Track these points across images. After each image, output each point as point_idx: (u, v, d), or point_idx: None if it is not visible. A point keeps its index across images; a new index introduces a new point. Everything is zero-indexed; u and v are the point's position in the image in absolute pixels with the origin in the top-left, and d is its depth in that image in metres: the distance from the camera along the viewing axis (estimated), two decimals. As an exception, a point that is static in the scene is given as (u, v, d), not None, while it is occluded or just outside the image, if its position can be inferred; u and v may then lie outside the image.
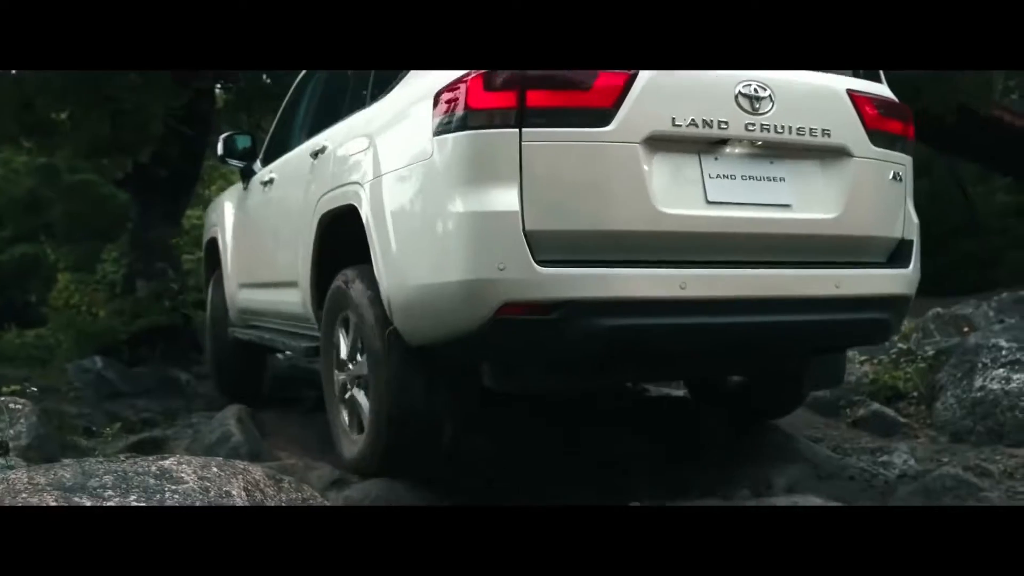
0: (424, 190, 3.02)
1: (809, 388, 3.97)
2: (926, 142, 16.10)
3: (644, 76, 2.88)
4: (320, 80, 4.71)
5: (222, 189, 15.34)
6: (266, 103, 9.07)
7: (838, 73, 3.27)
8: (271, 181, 4.80)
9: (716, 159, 3.01)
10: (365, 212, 3.31)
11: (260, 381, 5.75)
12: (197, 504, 2.34)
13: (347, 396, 3.59)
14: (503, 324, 2.81)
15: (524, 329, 2.84)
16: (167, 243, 8.35)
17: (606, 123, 2.83)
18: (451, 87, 2.92)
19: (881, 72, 3.53)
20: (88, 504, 2.22)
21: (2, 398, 4.22)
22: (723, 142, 3.01)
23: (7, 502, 2.21)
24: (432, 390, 3.21)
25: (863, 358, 5.02)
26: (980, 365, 4.23)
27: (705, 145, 2.99)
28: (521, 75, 2.81)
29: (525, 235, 2.75)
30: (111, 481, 2.27)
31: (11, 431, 3.86)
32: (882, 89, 3.45)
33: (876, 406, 4.42)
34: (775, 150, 3.09)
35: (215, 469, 2.45)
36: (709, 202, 2.97)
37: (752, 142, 3.03)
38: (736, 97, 2.98)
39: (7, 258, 17.14)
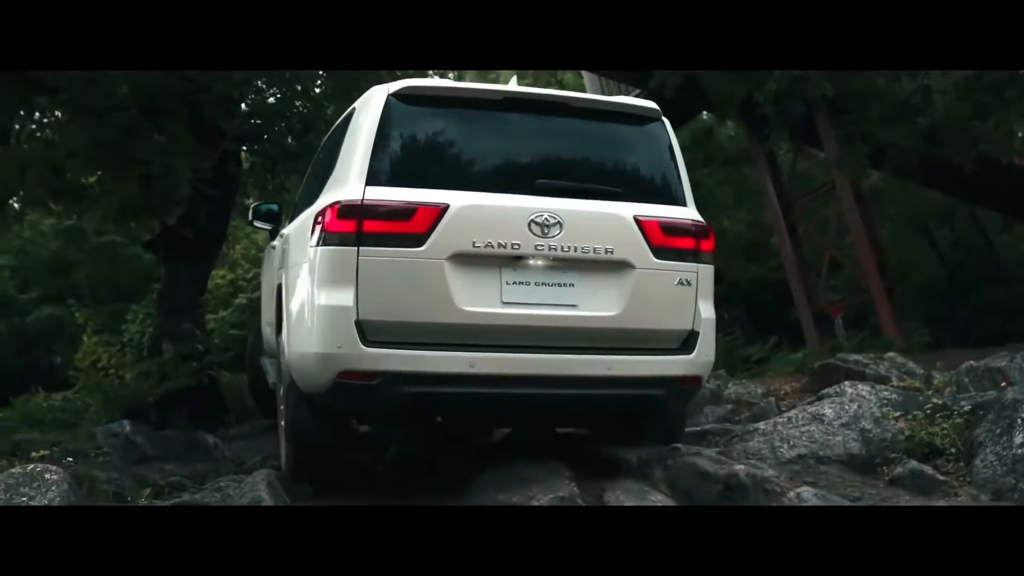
0: (305, 283, 4.11)
1: (650, 440, 4.58)
2: (947, 191, 16.09)
3: (453, 209, 3.92)
4: (309, 174, 5.91)
5: (247, 249, 15.52)
6: (290, 164, 9.17)
7: (632, 202, 4.21)
8: (274, 247, 6.01)
9: (514, 270, 4.00)
10: (282, 291, 4.65)
11: None
12: None
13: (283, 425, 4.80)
14: (342, 386, 3.91)
15: (356, 390, 3.92)
16: (194, 304, 8.38)
17: (421, 244, 3.88)
18: (322, 212, 4.04)
19: (689, 197, 4.43)
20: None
21: (34, 466, 4.22)
22: (519, 257, 3.98)
23: None
24: (318, 421, 4.27)
25: (897, 414, 4.93)
26: (1020, 421, 4.14)
27: (505, 259, 3.98)
28: (360, 207, 3.90)
29: (357, 324, 3.83)
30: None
31: (44, 499, 3.85)
32: (682, 212, 4.34)
33: (913, 464, 4.32)
34: (565, 263, 4.04)
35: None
36: (504, 303, 3.97)
37: (544, 258, 4.00)
38: (529, 224, 3.98)
39: (33, 320, 17.31)
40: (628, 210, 4.17)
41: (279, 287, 4.92)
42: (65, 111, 7.71)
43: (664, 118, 4.55)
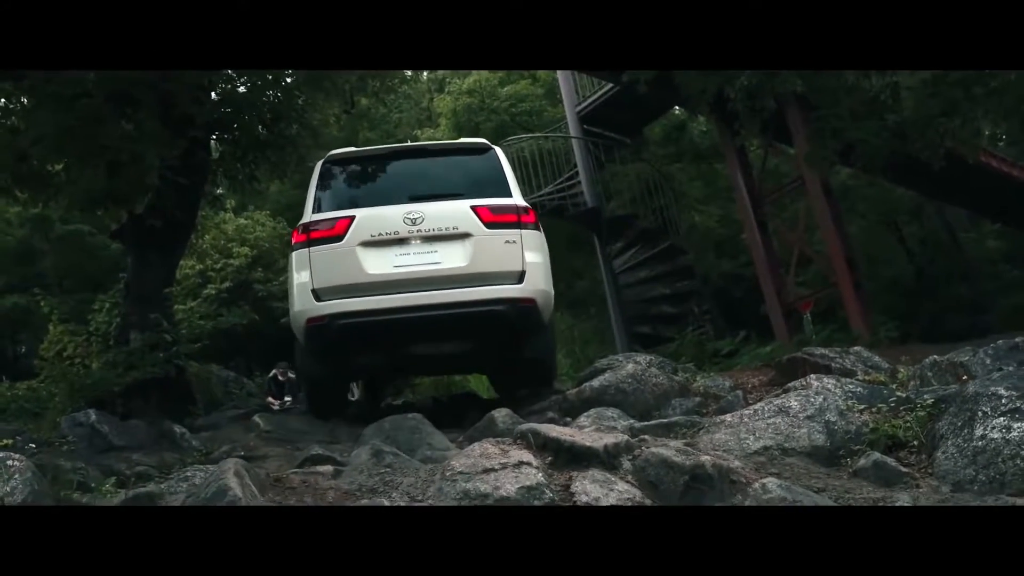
0: (290, 272, 6.80)
1: (529, 355, 7.03)
2: (915, 188, 16.26)
3: (358, 218, 6.57)
4: None
5: (216, 239, 15.38)
6: (260, 153, 9.09)
7: (471, 198, 6.73)
8: None
9: (400, 246, 6.53)
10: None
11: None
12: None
13: None
14: (310, 327, 6.50)
15: (317, 328, 6.47)
16: (161, 294, 8.29)
17: (341, 240, 6.52)
18: (295, 230, 6.89)
19: (515, 192, 6.94)
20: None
21: (-3, 454, 4.17)
22: (401, 239, 6.52)
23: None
24: (318, 362, 6.90)
25: (862, 407, 4.97)
26: (980, 414, 4.19)
27: (393, 241, 6.52)
28: (308, 225, 6.67)
29: (312, 291, 6.46)
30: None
31: (7, 487, 3.81)
32: (507, 200, 6.82)
33: (877, 456, 4.35)
34: (430, 238, 6.52)
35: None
36: (395, 267, 6.46)
37: (416, 238, 6.53)
38: (404, 219, 6.54)
39: (-2, 309, 17.07)
40: (467, 203, 6.68)
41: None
42: (31, 97, 7.61)
43: (495, 147, 7.32)
